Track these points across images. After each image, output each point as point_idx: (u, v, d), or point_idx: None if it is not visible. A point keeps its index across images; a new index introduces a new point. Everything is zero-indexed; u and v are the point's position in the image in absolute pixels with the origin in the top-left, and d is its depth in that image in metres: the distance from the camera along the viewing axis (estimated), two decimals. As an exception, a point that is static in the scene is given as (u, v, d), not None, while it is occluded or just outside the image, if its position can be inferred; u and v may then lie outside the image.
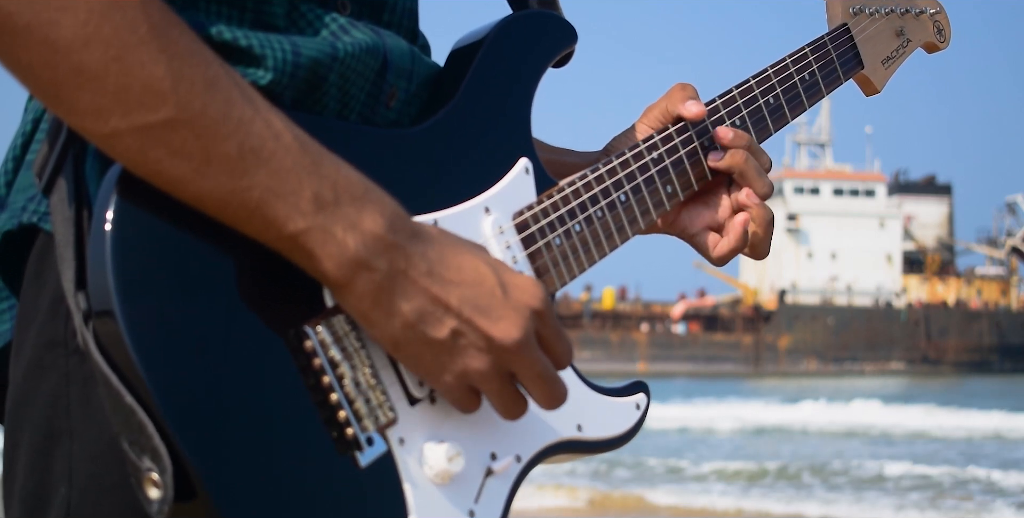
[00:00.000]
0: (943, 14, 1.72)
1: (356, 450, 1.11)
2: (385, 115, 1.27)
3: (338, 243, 1.06)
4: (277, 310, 1.10)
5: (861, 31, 1.62)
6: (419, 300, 1.10)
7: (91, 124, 1.02)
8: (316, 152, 1.07)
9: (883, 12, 1.65)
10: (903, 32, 1.67)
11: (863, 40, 1.62)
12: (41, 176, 1.13)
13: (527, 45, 1.35)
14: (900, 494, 14.52)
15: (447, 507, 1.16)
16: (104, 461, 1.12)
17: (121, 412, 1.02)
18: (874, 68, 1.64)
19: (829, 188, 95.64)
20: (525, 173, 1.31)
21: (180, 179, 1.03)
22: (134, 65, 1.00)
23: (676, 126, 1.45)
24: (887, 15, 1.66)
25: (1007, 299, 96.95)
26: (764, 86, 1.52)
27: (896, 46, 1.67)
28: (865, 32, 1.63)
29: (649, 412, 1.39)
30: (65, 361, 1.15)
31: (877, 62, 1.64)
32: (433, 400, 1.18)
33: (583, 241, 1.33)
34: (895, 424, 28.08)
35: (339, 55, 1.19)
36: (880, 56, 1.65)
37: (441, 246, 1.12)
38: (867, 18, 1.63)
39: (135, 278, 1.02)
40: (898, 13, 1.67)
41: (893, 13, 1.66)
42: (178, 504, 1.01)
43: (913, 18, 1.69)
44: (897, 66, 1.67)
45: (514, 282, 1.14)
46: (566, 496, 13.85)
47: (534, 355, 1.14)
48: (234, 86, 1.05)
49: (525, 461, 1.24)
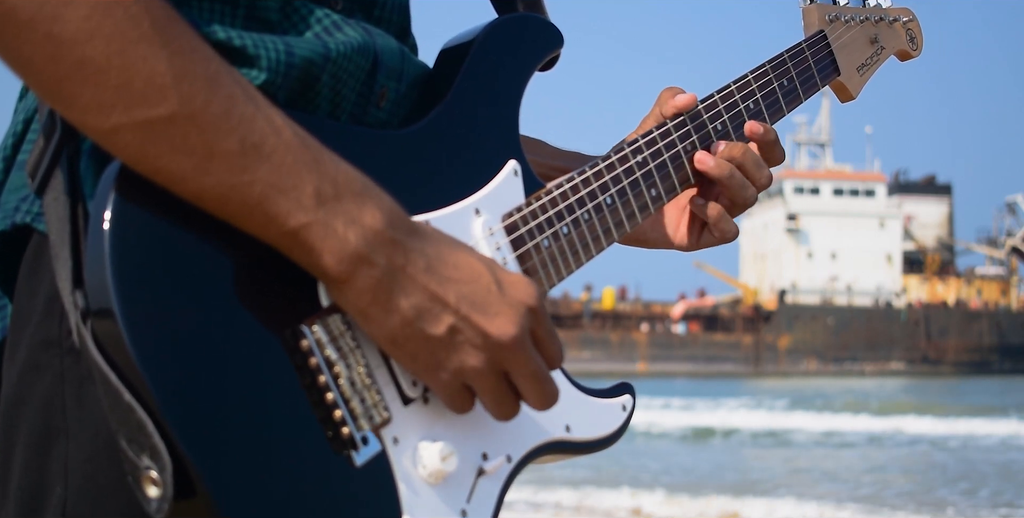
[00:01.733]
0: (915, 22, 1.76)
1: (351, 449, 1.11)
2: (376, 115, 1.28)
3: (339, 238, 1.07)
4: (274, 309, 1.10)
5: (837, 38, 1.65)
6: (417, 296, 1.10)
7: (92, 119, 1.01)
8: (316, 149, 1.08)
9: (858, 20, 1.68)
10: (877, 39, 1.70)
11: (839, 47, 1.65)
12: (34, 176, 1.13)
13: (515, 48, 1.36)
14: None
15: (440, 507, 1.17)
16: (100, 461, 1.12)
17: (119, 410, 1.02)
18: (850, 75, 1.67)
19: (829, 188, 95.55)
20: (514, 175, 1.32)
21: (181, 175, 1.03)
22: (136, 60, 1.00)
23: (660, 130, 1.47)
24: (862, 23, 1.69)
25: (1007, 299, 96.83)
26: (745, 91, 1.54)
27: (871, 53, 1.70)
28: (841, 39, 1.65)
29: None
30: (60, 361, 1.15)
31: (853, 69, 1.67)
32: (426, 400, 1.19)
33: (571, 243, 1.35)
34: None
35: (331, 55, 1.20)
36: (855, 63, 1.67)
37: (438, 243, 1.13)
38: (843, 25, 1.66)
39: (133, 276, 1.02)
40: (872, 21, 1.70)
41: (868, 21, 1.69)
42: (177, 502, 1.01)
43: (887, 26, 1.72)
44: (872, 73, 1.70)
45: (509, 280, 1.15)
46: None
47: (529, 353, 1.15)
48: (235, 83, 1.05)
49: (516, 461, 1.25)
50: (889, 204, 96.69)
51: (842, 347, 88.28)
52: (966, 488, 15.49)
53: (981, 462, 19.30)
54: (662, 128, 1.48)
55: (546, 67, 1.42)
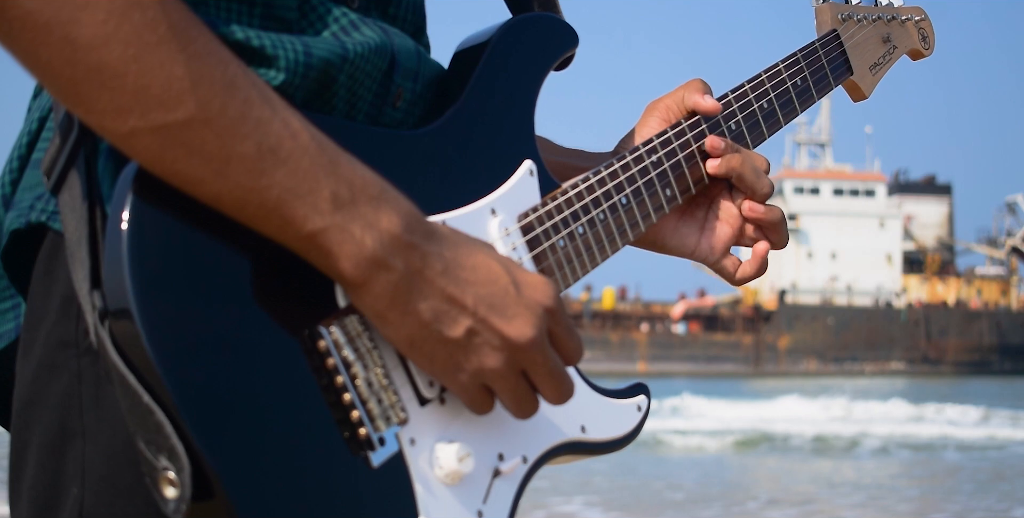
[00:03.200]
0: (927, 21, 1.76)
1: (369, 450, 1.11)
2: (392, 115, 1.28)
3: (356, 242, 1.06)
4: (291, 310, 1.10)
5: (850, 37, 1.65)
6: (435, 300, 1.10)
7: (110, 123, 1.01)
8: (333, 152, 1.08)
9: (870, 19, 1.68)
10: (889, 39, 1.70)
11: (852, 46, 1.65)
12: (50, 174, 1.13)
13: (530, 48, 1.36)
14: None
15: (456, 507, 1.17)
16: (117, 461, 1.12)
17: (138, 411, 1.02)
18: (862, 74, 1.67)
19: (829, 188, 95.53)
20: (529, 175, 1.33)
21: (199, 179, 1.03)
22: (153, 64, 1.00)
23: (675, 130, 1.47)
24: (874, 22, 1.69)
25: (1007, 299, 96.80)
26: (758, 91, 1.54)
27: (883, 52, 1.70)
28: (853, 39, 1.65)
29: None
30: (77, 361, 1.15)
31: (865, 68, 1.67)
32: (443, 401, 1.19)
33: (586, 244, 1.35)
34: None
35: (349, 56, 1.20)
36: (868, 62, 1.67)
37: (455, 246, 1.13)
38: (855, 25, 1.66)
39: (152, 277, 1.02)
40: (884, 20, 1.70)
41: (880, 20, 1.69)
42: (194, 503, 1.01)
43: (899, 25, 1.72)
44: (884, 72, 1.70)
45: (526, 280, 1.15)
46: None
47: (546, 353, 1.15)
48: (252, 86, 1.05)
49: (531, 462, 1.25)
50: (889, 204, 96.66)
51: (842, 347, 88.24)
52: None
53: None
54: (676, 128, 1.48)
55: (561, 66, 1.42)
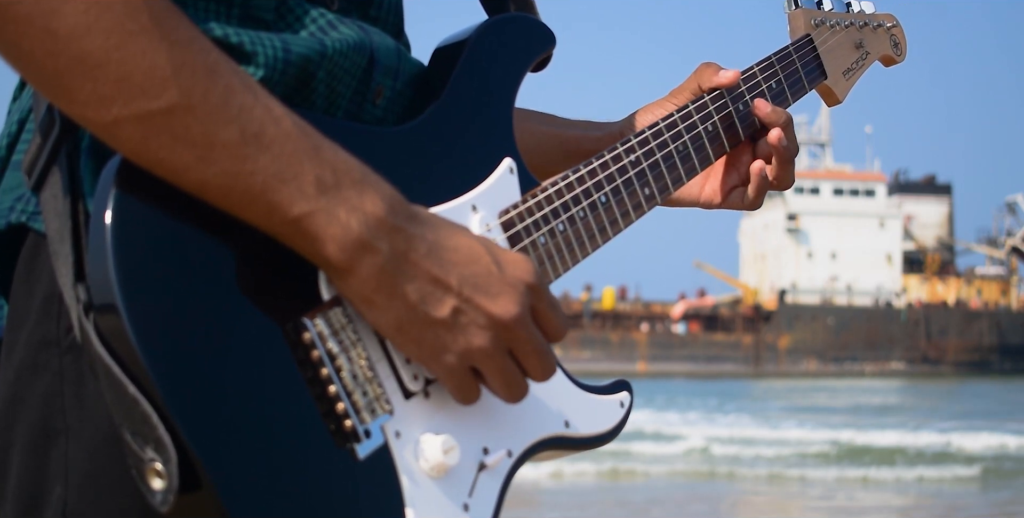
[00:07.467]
0: (899, 28, 1.79)
1: (355, 442, 1.12)
2: (372, 112, 1.29)
3: (342, 225, 1.07)
4: (276, 302, 1.11)
5: (823, 42, 1.68)
6: (420, 281, 1.11)
7: (93, 113, 1.02)
8: (315, 137, 1.08)
9: (843, 25, 1.71)
10: (862, 44, 1.73)
11: (825, 51, 1.68)
12: (31, 173, 1.13)
13: (508, 48, 1.38)
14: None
15: (443, 500, 1.18)
16: (101, 458, 1.13)
17: (123, 403, 1.02)
18: (836, 79, 1.70)
19: (829, 188, 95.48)
20: (509, 173, 1.34)
21: (183, 166, 1.04)
22: (135, 53, 1.00)
23: (666, 122, 1.50)
24: (847, 28, 1.72)
25: (1007, 299, 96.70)
26: (732, 94, 1.57)
27: (856, 58, 1.73)
28: (827, 44, 1.68)
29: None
30: (59, 360, 1.15)
31: (839, 73, 1.70)
32: (427, 394, 1.20)
33: (567, 240, 1.36)
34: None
35: (328, 52, 1.21)
36: (841, 67, 1.70)
37: (436, 228, 1.14)
38: (828, 30, 1.69)
39: (137, 270, 1.03)
40: (857, 26, 1.73)
41: (852, 26, 1.72)
42: (181, 495, 1.01)
43: (871, 31, 1.75)
44: (857, 78, 1.73)
45: (507, 259, 1.17)
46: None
47: (531, 329, 1.16)
48: (233, 73, 1.05)
49: (516, 456, 1.26)
50: (889, 204, 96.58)
51: (842, 347, 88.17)
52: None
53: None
54: (668, 119, 1.51)
55: (538, 68, 1.43)
